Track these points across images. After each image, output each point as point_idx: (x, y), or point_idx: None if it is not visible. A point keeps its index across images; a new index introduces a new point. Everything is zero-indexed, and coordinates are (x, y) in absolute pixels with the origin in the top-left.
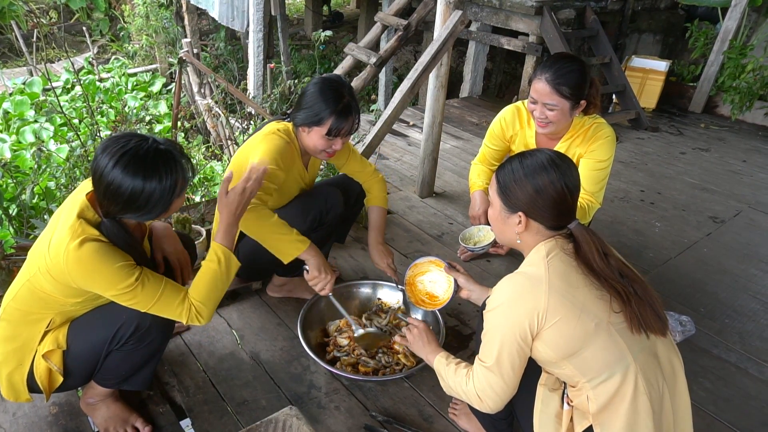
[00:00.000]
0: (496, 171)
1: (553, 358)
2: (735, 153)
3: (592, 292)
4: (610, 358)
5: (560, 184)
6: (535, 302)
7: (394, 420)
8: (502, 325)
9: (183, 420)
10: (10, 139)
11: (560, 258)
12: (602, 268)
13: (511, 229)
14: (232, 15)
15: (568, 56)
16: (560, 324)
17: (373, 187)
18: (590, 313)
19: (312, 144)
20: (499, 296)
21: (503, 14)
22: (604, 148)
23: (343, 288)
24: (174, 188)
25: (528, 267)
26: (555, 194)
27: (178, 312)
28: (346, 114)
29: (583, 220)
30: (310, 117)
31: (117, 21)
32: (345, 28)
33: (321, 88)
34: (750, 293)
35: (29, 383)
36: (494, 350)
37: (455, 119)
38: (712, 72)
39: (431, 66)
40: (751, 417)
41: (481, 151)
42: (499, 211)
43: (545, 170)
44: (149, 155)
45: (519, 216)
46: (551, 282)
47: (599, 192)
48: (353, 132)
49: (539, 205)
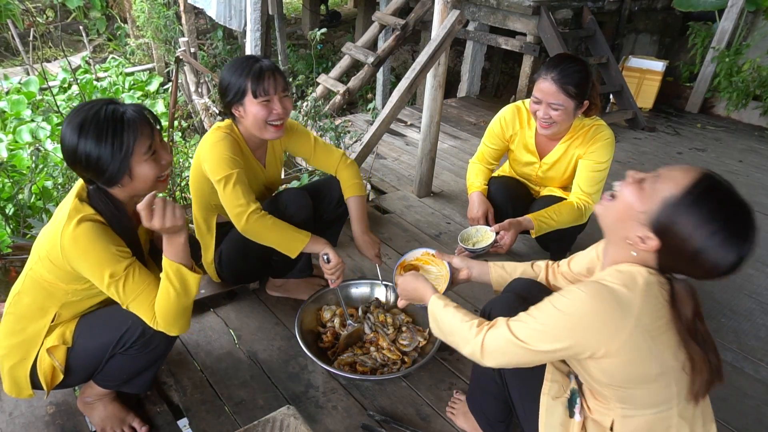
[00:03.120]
0: (690, 187)
1: (600, 381)
2: (731, 153)
3: (671, 342)
4: (657, 400)
5: (724, 265)
6: (615, 332)
7: (391, 419)
8: (568, 336)
9: (180, 420)
10: (7, 138)
11: (657, 296)
12: (692, 332)
13: (628, 230)
14: (230, 14)
15: (571, 57)
16: (627, 361)
17: (343, 176)
18: (660, 362)
19: (253, 119)
20: (578, 305)
21: (500, 14)
22: (604, 150)
23: (340, 287)
24: (129, 150)
25: (621, 286)
26: (710, 263)
27: (151, 316)
28: (262, 72)
29: (580, 221)
30: (233, 94)
31: (114, 20)
32: (342, 27)
33: (230, 66)
34: (746, 293)
35: (31, 379)
36: (540, 343)
37: (453, 119)
38: (709, 72)
39: (429, 65)
40: (747, 416)
41: (480, 149)
42: (642, 211)
43: (735, 246)
44: (103, 118)
45: (650, 238)
46: (640, 318)
47: (596, 193)
48: (286, 90)
49: (684, 257)
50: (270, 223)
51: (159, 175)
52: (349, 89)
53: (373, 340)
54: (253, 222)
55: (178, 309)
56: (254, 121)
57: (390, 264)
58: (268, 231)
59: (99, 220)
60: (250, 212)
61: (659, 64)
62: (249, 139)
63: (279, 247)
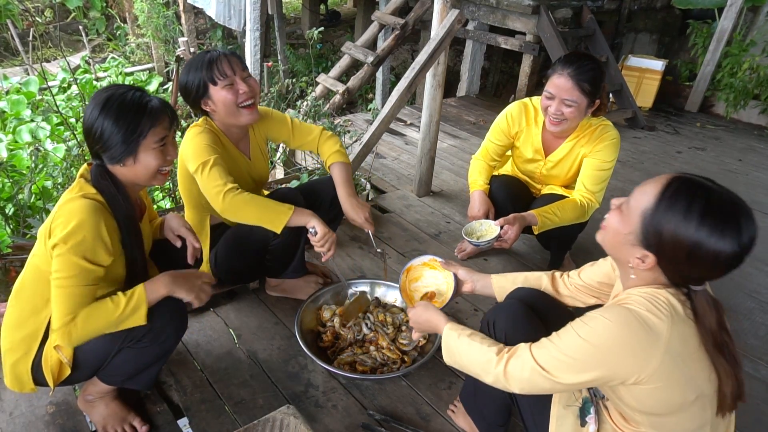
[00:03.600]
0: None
1: (633, 407)
2: (731, 152)
3: (704, 364)
4: (692, 426)
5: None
6: (645, 361)
7: (391, 418)
8: (596, 367)
9: (180, 419)
10: (7, 138)
11: (683, 318)
12: (719, 345)
13: (625, 254)
14: (229, 14)
15: (586, 55)
16: (660, 389)
17: (324, 148)
18: (695, 386)
19: (222, 106)
20: (605, 335)
21: (500, 13)
22: (610, 150)
23: (340, 287)
24: (142, 134)
25: (648, 313)
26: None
27: (70, 312)
28: (215, 59)
29: (582, 219)
30: (196, 89)
31: (113, 20)
32: (342, 27)
33: (186, 66)
34: (746, 292)
35: (34, 375)
36: (566, 374)
37: (452, 118)
38: (708, 71)
39: (428, 65)
40: (747, 414)
41: (484, 145)
42: (628, 232)
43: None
44: (129, 100)
45: (646, 256)
46: (670, 344)
47: (600, 192)
48: (245, 69)
49: (683, 260)
50: (248, 198)
51: (161, 167)
52: (348, 89)
53: (372, 340)
54: (231, 198)
55: (102, 325)
56: (225, 108)
57: (390, 263)
58: (248, 206)
59: (99, 200)
60: (226, 190)
61: (659, 63)
62: (227, 131)
63: (262, 222)
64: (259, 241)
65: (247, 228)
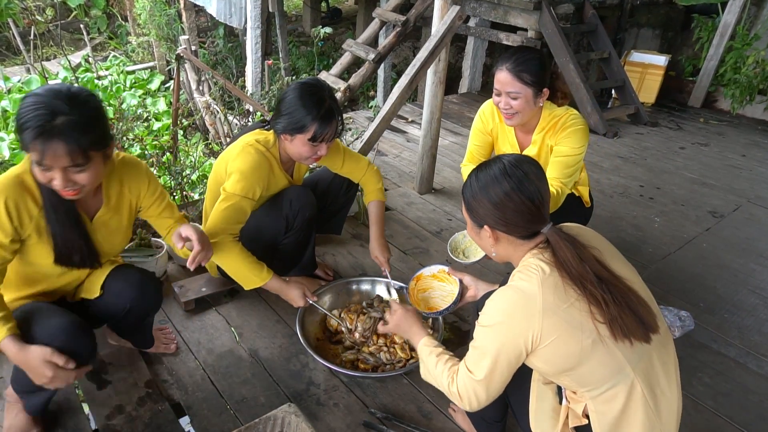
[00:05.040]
0: (462, 186)
1: (550, 372)
2: (734, 147)
3: (583, 305)
4: (608, 372)
5: (517, 195)
6: (530, 322)
7: (393, 416)
8: (496, 344)
9: (182, 418)
10: (9, 137)
11: (549, 273)
12: (580, 273)
13: (486, 243)
14: (230, 12)
15: (526, 48)
16: (556, 343)
17: (368, 182)
18: (586, 330)
19: (296, 151)
20: (492, 314)
21: (502, 9)
22: (574, 136)
23: (342, 285)
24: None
25: (521, 281)
26: (513, 205)
27: None
28: (329, 119)
29: (554, 207)
30: (292, 124)
31: (115, 18)
32: (343, 24)
33: (300, 94)
34: (749, 288)
35: None
36: (485, 367)
37: (454, 115)
38: (712, 66)
39: (429, 62)
40: (750, 411)
41: (468, 149)
42: (471, 226)
43: (497, 182)
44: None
45: (486, 230)
46: (545, 299)
47: (567, 178)
48: (338, 136)
49: (500, 217)
50: (238, 249)
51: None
52: (350, 86)
53: (388, 335)
54: (223, 238)
55: None
56: (297, 155)
57: (391, 262)
58: (232, 254)
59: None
60: (226, 233)
61: (661, 59)
62: (283, 157)
63: (236, 275)
64: (271, 237)
65: (257, 224)
